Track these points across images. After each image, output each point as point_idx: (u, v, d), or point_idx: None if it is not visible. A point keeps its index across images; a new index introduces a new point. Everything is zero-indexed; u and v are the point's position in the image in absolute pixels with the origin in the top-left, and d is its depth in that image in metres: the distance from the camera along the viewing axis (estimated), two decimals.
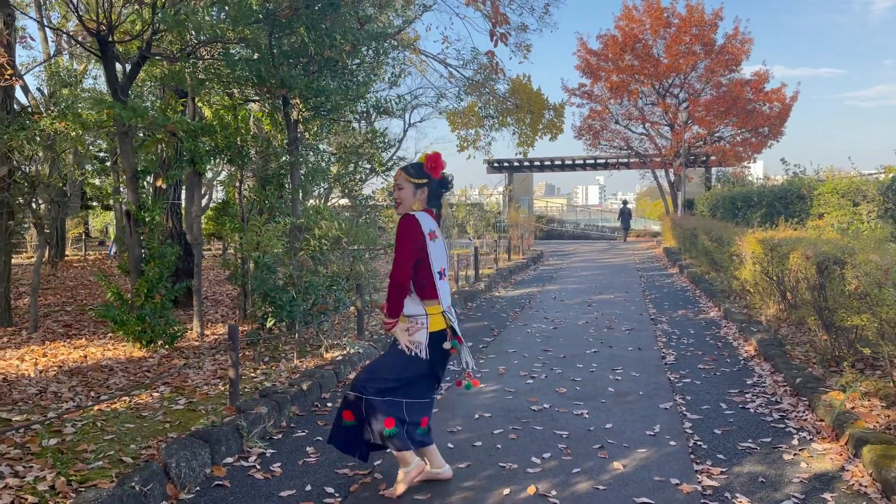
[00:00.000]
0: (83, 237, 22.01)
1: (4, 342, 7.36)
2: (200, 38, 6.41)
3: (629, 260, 19.38)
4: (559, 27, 15.71)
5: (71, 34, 7.26)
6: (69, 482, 3.71)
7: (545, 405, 5.30)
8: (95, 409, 5.00)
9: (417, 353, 3.60)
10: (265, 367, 6.36)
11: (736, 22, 30.96)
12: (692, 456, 4.19)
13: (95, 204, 21.41)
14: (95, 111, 6.61)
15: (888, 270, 4.54)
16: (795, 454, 4.19)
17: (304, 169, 8.01)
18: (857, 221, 10.65)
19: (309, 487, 3.83)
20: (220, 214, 18.81)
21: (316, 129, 7.85)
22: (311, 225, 6.85)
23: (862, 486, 3.68)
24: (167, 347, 6.95)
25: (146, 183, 7.93)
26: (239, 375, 4.99)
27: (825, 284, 5.87)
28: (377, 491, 3.76)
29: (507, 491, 3.72)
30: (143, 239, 6.87)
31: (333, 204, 12.47)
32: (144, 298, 6.68)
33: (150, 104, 8.47)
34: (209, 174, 14.11)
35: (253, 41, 6.46)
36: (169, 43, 6.92)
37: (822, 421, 4.71)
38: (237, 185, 7.80)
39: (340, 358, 6.42)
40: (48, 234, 11.86)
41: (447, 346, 3.64)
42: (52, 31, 14.10)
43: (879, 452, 3.79)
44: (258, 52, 6.65)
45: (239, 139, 7.39)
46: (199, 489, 3.81)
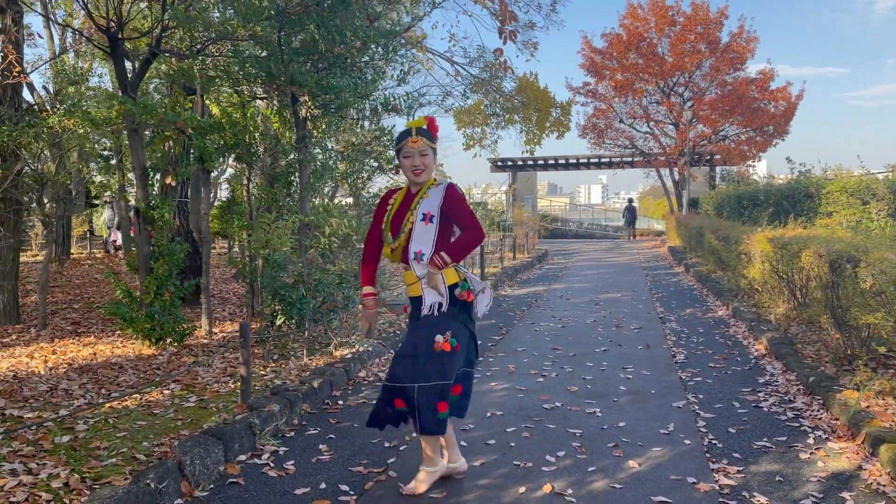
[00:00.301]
0: (88, 235, 22.02)
1: (13, 339, 7.36)
2: (210, 35, 6.39)
3: (634, 259, 19.35)
4: (565, 25, 15.67)
5: (80, 31, 7.24)
6: (83, 479, 3.70)
7: (557, 403, 5.28)
8: (107, 406, 4.99)
9: (441, 303, 3.59)
10: (275, 364, 6.34)
11: (741, 20, 30.66)
12: (707, 455, 4.17)
13: (98, 202, 21.47)
14: (105, 108, 6.59)
15: None
16: (812, 453, 4.17)
17: (311, 167, 8.00)
18: (866, 220, 10.62)
19: (323, 485, 3.82)
20: (224, 213, 18.83)
21: (324, 126, 7.84)
22: (321, 222, 6.84)
23: (880, 485, 3.66)
24: (176, 345, 6.94)
25: (154, 180, 7.93)
26: (250, 373, 4.97)
27: (838, 283, 5.85)
28: (392, 489, 3.75)
29: (522, 489, 3.70)
30: (151, 236, 6.85)
31: (338, 202, 12.46)
32: (154, 296, 6.67)
33: (158, 101, 8.44)
34: (213, 172, 14.10)
35: (263, 38, 6.44)
36: (178, 40, 6.91)
37: (837, 420, 4.68)
38: (245, 182, 7.78)
39: (350, 356, 6.40)
40: (55, 232, 11.87)
41: (458, 291, 3.63)
42: (58, 28, 14.08)
43: None
44: (268, 49, 6.63)
45: (247, 137, 7.38)
46: (213, 487, 3.80)
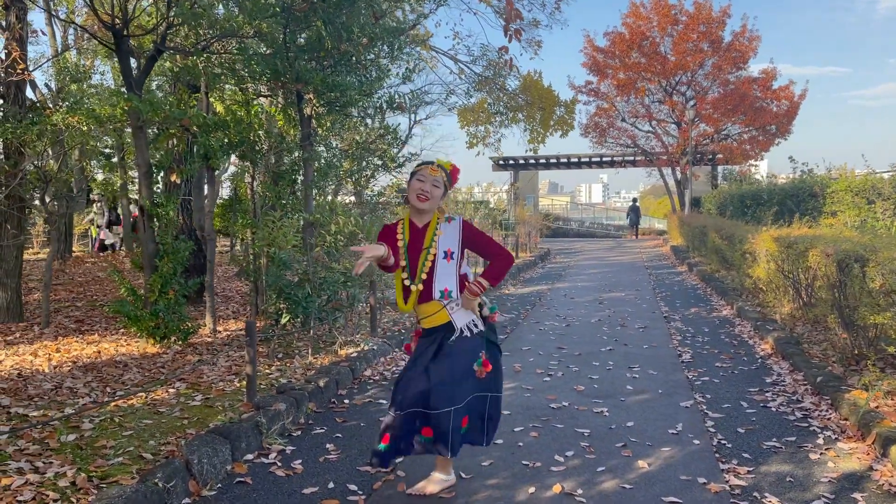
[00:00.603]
0: (89, 233, 21.99)
1: (17, 337, 7.34)
2: (216, 32, 6.36)
3: (636, 258, 19.33)
4: (568, 24, 15.60)
5: (85, 28, 7.21)
6: (90, 478, 3.68)
7: (564, 403, 5.26)
8: (112, 404, 4.97)
9: (475, 326, 3.60)
10: (279, 363, 6.32)
11: (744, 19, 30.71)
12: (717, 455, 4.15)
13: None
14: (110, 105, 6.56)
15: None
16: (822, 453, 4.14)
17: (316, 165, 7.97)
18: (871, 219, 10.59)
19: (332, 485, 3.80)
20: (226, 211, 18.80)
21: (329, 124, 7.81)
22: (326, 221, 6.81)
23: (892, 485, 3.64)
24: (181, 343, 6.92)
25: (157, 178, 7.90)
26: (256, 372, 4.95)
27: (846, 282, 5.82)
28: (400, 489, 3.73)
29: (532, 489, 3.68)
30: (156, 234, 6.83)
31: (340, 200, 12.42)
32: (158, 294, 6.65)
33: (162, 99, 8.41)
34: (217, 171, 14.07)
35: (268, 36, 6.41)
36: (183, 37, 6.88)
37: (846, 420, 4.66)
38: (250, 180, 7.76)
39: (355, 355, 6.38)
40: (59, 229, 11.84)
41: (486, 312, 3.67)
42: (60, 26, 14.04)
43: None
44: (273, 46, 6.60)
45: (252, 135, 7.35)
46: (220, 486, 3.78)
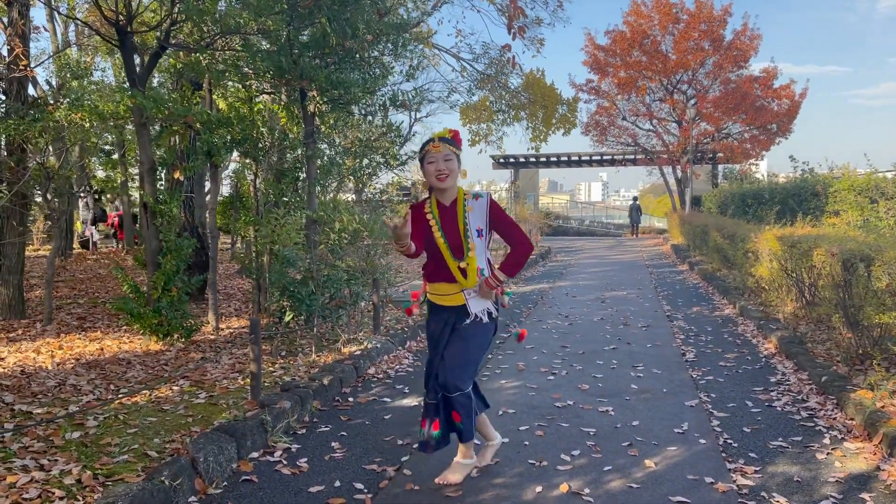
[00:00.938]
0: (74, 229, 21.97)
1: (19, 334, 7.33)
2: (221, 28, 6.34)
3: (637, 256, 19.32)
4: (571, 22, 15.62)
5: (88, 24, 7.19)
6: (95, 476, 3.67)
7: (569, 402, 5.25)
8: (116, 402, 4.96)
9: (495, 311, 3.68)
10: (283, 361, 6.31)
11: (745, 18, 30.76)
12: (724, 454, 4.14)
13: (99, 197, 21.44)
14: (112, 102, 6.54)
15: None
16: (828, 453, 4.13)
17: (319, 162, 7.95)
18: (874, 219, 10.58)
19: (338, 483, 3.79)
20: (227, 208, 18.78)
21: (332, 121, 7.79)
22: (331, 218, 6.80)
23: None
24: (184, 341, 6.91)
25: (160, 175, 7.89)
26: (260, 370, 4.94)
27: (851, 281, 5.81)
28: (407, 487, 3.72)
29: (539, 489, 3.67)
30: (159, 231, 6.81)
31: (342, 198, 12.40)
32: (161, 291, 6.64)
33: (166, 95, 8.39)
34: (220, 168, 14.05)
35: (272, 33, 6.39)
36: (187, 34, 6.85)
37: (852, 420, 4.65)
38: (253, 178, 7.74)
39: (359, 353, 6.37)
40: (61, 226, 11.82)
41: (505, 299, 3.80)
42: (62, 22, 14.01)
43: None
44: (277, 43, 6.58)
45: (255, 132, 7.33)
46: (226, 484, 3.76)
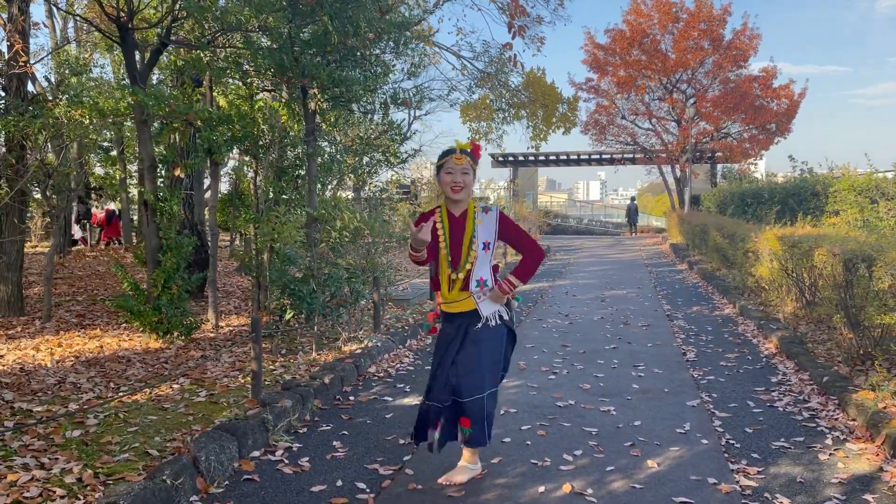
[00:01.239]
0: (87, 227, 21.91)
1: (18, 332, 7.30)
2: (222, 25, 6.32)
3: (636, 255, 19.32)
4: (571, 20, 15.61)
5: (89, 20, 7.16)
6: (96, 475, 3.65)
7: (570, 401, 5.24)
8: (116, 401, 4.94)
9: (507, 316, 3.75)
10: (283, 359, 6.30)
11: (744, 17, 30.72)
12: (726, 455, 4.13)
13: (99, 194, 21.37)
14: (112, 99, 6.52)
15: None
16: (831, 454, 4.13)
17: (319, 160, 7.93)
18: (874, 219, 10.58)
19: (340, 482, 3.77)
20: (226, 206, 18.75)
21: (333, 119, 7.77)
22: (332, 216, 6.78)
23: None
24: (183, 339, 6.89)
25: (160, 172, 7.85)
26: (261, 368, 4.92)
27: (852, 282, 5.81)
28: (410, 487, 3.70)
29: (542, 489, 3.66)
30: (159, 229, 6.79)
31: (342, 196, 12.37)
32: (161, 289, 6.62)
33: (167, 93, 8.36)
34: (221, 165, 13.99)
35: (273, 30, 6.37)
36: (188, 31, 6.83)
37: (854, 420, 4.65)
38: (253, 175, 7.72)
39: (359, 351, 6.35)
40: (59, 224, 11.76)
41: (514, 303, 3.90)
42: (61, 18, 13.96)
43: None
44: (279, 41, 6.55)
45: (256, 129, 7.31)
46: (228, 483, 3.75)
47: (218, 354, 6.47)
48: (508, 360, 3.87)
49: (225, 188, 19.45)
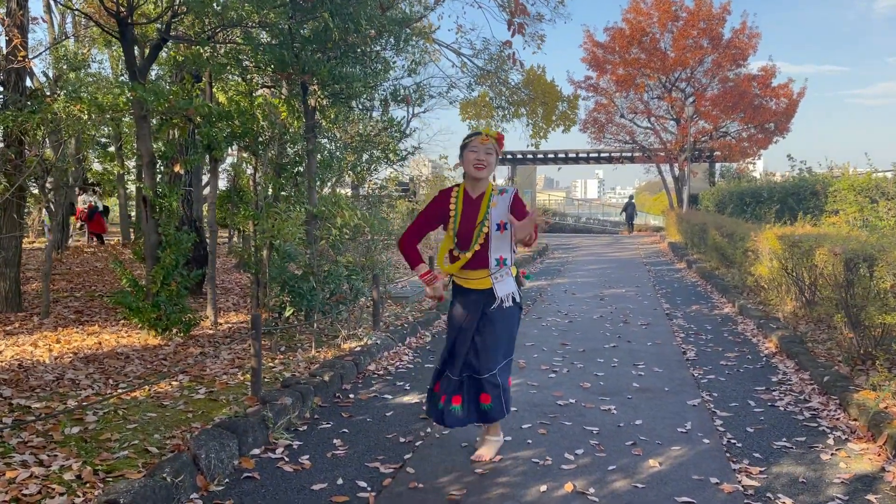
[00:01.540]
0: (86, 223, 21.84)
1: (16, 328, 7.27)
2: (222, 21, 6.29)
3: (635, 254, 19.32)
4: (572, 18, 15.56)
5: (89, 15, 7.12)
6: (95, 472, 3.63)
7: (571, 400, 5.23)
8: (115, 397, 4.91)
9: (519, 297, 3.94)
10: (282, 357, 6.28)
11: (743, 16, 30.83)
12: (728, 454, 4.12)
13: (98, 190, 21.30)
14: (111, 94, 6.49)
15: None
16: (833, 454, 4.12)
17: (319, 157, 7.91)
18: (874, 218, 10.58)
19: (340, 481, 3.76)
20: (224, 202, 18.69)
21: (333, 116, 7.74)
22: (332, 213, 6.76)
23: None
24: (182, 335, 6.86)
25: (159, 168, 7.82)
26: (261, 365, 4.90)
27: (853, 281, 5.80)
28: (411, 486, 3.69)
29: (543, 488, 3.65)
30: (159, 225, 6.76)
31: (342, 193, 12.33)
32: (160, 286, 6.59)
33: (166, 88, 8.33)
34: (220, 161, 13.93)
35: (273, 26, 6.34)
36: (188, 26, 6.80)
37: (855, 420, 4.64)
38: (252, 172, 7.70)
39: (359, 349, 6.34)
40: (58, 220, 11.73)
41: (525, 282, 4.10)
42: (59, 12, 13.90)
43: None
44: (279, 36, 6.52)
45: (255, 125, 7.28)
46: (228, 481, 3.73)
47: (217, 351, 6.45)
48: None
49: (223, 185, 19.39)
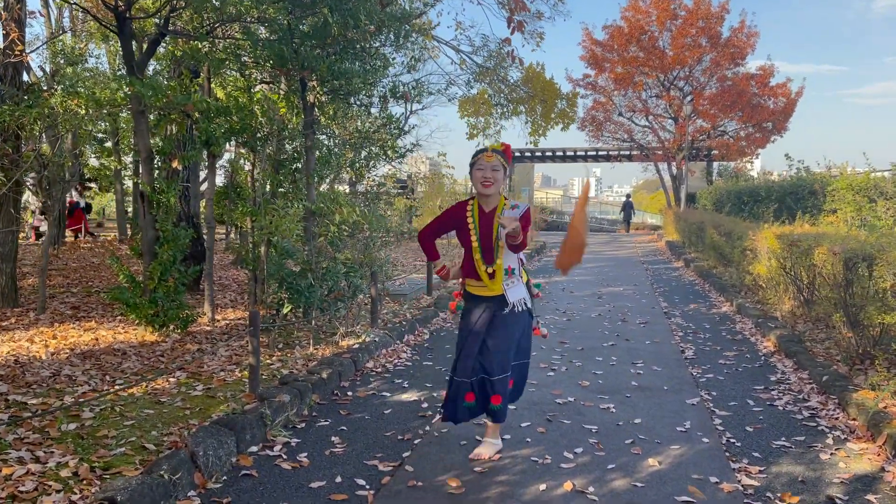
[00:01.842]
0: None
1: (12, 323, 7.23)
2: (221, 15, 6.26)
3: (632, 253, 19.32)
4: (571, 16, 15.56)
5: (87, 9, 7.08)
6: (92, 469, 3.61)
7: (570, 398, 5.22)
8: (112, 394, 4.89)
9: (530, 302, 4.10)
10: (280, 354, 6.25)
11: (742, 15, 30.76)
12: (727, 454, 4.11)
13: (94, 185, 21.21)
14: (109, 89, 6.45)
15: None
16: (832, 454, 4.12)
17: (318, 153, 7.87)
18: (873, 218, 10.59)
19: (339, 479, 3.74)
20: (221, 198, 18.63)
21: (332, 112, 7.71)
22: (330, 210, 6.73)
23: None
24: (180, 332, 6.83)
25: (157, 164, 7.78)
26: (259, 362, 4.88)
27: (853, 281, 5.80)
28: (410, 484, 3.67)
29: (543, 486, 3.63)
30: (156, 221, 6.73)
31: (340, 190, 12.30)
32: (157, 282, 6.56)
33: (164, 83, 8.29)
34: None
35: (273, 21, 6.31)
36: (186, 21, 6.76)
37: (854, 420, 4.64)
38: (251, 168, 7.66)
39: (357, 346, 6.31)
40: (55, 215, 11.67)
41: (535, 290, 4.25)
42: (56, 7, 13.83)
43: None
44: (278, 31, 6.49)
45: (254, 121, 7.25)
46: (226, 478, 3.71)
47: (215, 348, 6.42)
48: (529, 348, 4.26)
49: (221, 181, 19.31)
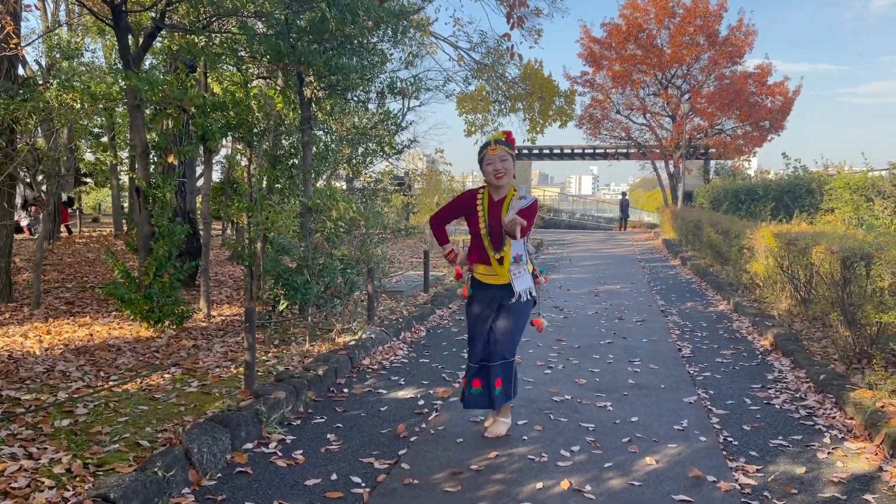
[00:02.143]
0: (77, 213, 21.70)
1: (6, 318, 7.19)
2: (218, 10, 6.21)
3: (629, 251, 19.31)
4: (569, 13, 15.54)
5: (83, 2, 7.02)
6: (85, 465, 3.58)
7: (566, 396, 5.20)
8: (106, 390, 4.85)
9: (535, 292, 4.20)
10: (276, 350, 6.23)
11: (740, 14, 30.88)
12: (724, 452, 4.10)
13: (89, 180, 21.13)
14: (106, 83, 6.40)
15: None
16: (829, 453, 4.10)
17: (315, 149, 7.84)
18: (870, 217, 10.58)
19: (334, 476, 3.71)
20: (217, 194, 18.57)
21: (329, 108, 7.67)
22: (327, 206, 6.70)
23: None
24: (175, 328, 6.80)
25: (153, 159, 7.74)
26: (255, 359, 4.85)
27: (850, 279, 5.78)
28: (406, 482, 3.65)
29: (539, 485, 3.61)
30: (152, 216, 6.69)
31: (337, 186, 12.26)
32: (153, 277, 6.52)
33: (160, 77, 8.23)
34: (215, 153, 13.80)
35: (270, 15, 6.27)
36: (183, 15, 6.71)
37: (851, 419, 4.63)
38: (247, 163, 7.62)
39: (353, 343, 6.29)
40: (49, 210, 11.61)
41: (541, 279, 4.34)
42: (53, 1, 13.75)
43: None
44: (276, 26, 6.45)
45: (251, 117, 7.21)
46: (220, 476, 3.68)
47: (210, 344, 6.39)
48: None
49: (217, 176, 19.25)
